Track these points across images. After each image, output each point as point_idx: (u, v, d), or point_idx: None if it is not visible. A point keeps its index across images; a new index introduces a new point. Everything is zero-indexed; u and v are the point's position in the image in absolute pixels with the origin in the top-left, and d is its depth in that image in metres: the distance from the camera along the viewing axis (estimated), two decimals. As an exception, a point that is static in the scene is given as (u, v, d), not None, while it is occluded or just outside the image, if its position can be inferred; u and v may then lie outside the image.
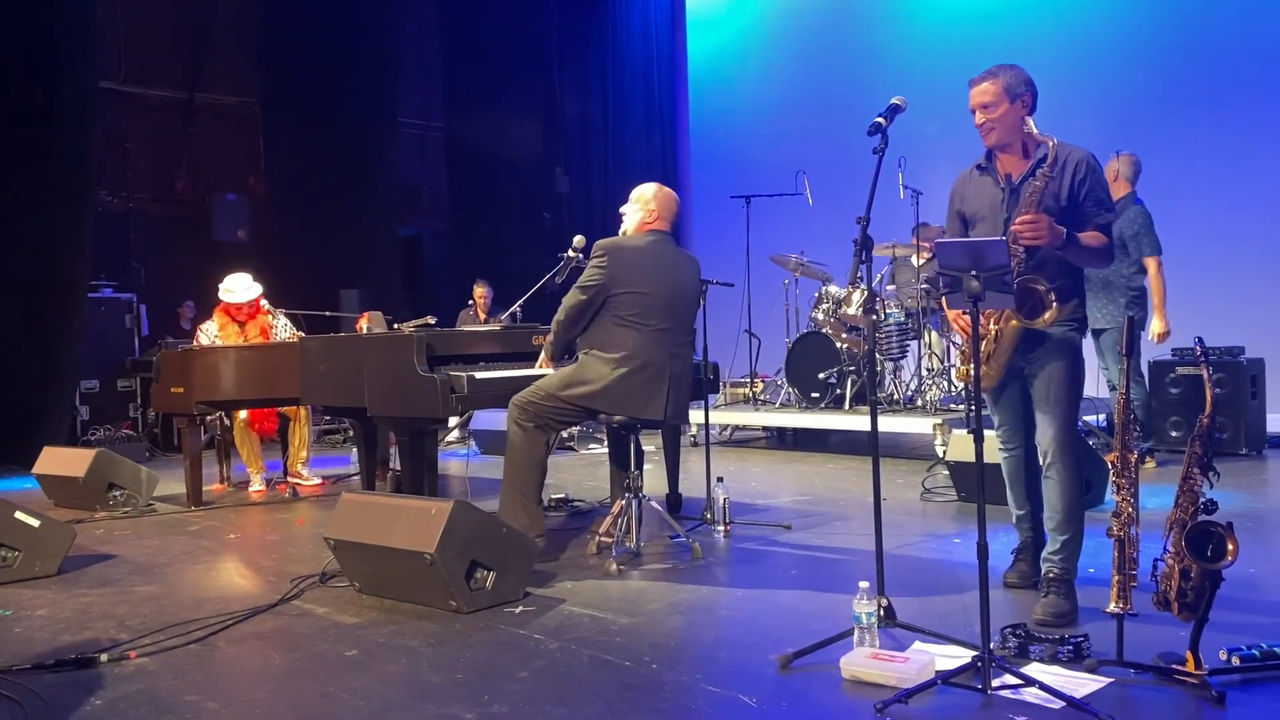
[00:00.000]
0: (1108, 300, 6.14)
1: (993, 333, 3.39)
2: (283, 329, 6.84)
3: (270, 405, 6.53)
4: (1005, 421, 3.65)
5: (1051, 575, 3.38)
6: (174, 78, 11.20)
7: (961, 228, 3.63)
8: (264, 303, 6.82)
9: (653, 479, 5.83)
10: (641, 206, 4.43)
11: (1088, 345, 6.67)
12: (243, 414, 6.63)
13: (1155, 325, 6.16)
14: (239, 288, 6.69)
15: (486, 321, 9.42)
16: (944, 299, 3.22)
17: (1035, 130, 3.39)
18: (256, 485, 6.69)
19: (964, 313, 3.28)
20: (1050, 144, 3.32)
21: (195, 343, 6.70)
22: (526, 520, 4.17)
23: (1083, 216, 3.38)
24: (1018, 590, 3.64)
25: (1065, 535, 3.38)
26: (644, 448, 4.78)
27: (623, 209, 4.52)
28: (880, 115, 3.21)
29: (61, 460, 6.26)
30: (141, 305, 9.73)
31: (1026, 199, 3.31)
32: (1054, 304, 3.22)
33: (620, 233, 4.52)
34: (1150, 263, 6.08)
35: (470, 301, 9.70)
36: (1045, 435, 3.40)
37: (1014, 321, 3.30)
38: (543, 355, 4.68)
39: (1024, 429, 3.62)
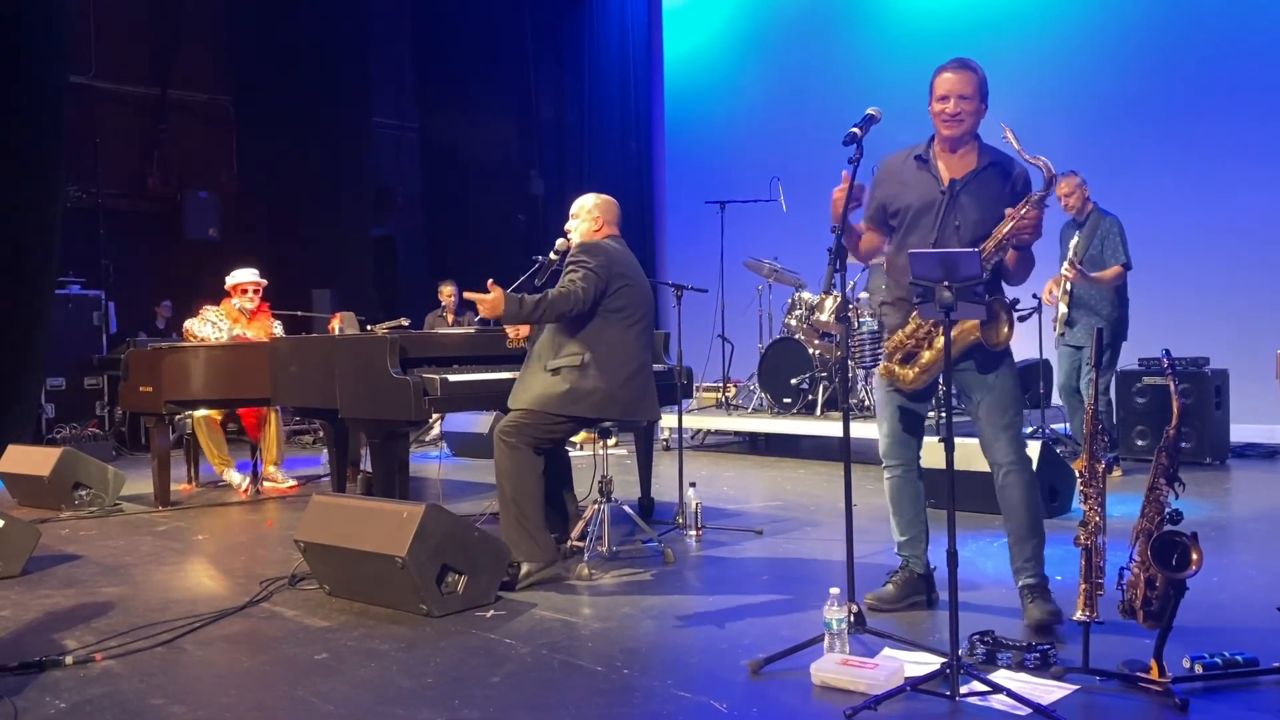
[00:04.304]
0: (1091, 316, 6.20)
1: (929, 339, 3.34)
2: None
3: (240, 406, 6.46)
4: (896, 435, 3.56)
5: (1031, 582, 3.39)
6: (146, 73, 11.09)
7: (881, 214, 3.53)
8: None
9: (625, 483, 5.84)
10: (586, 217, 4.40)
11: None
12: (200, 412, 6.52)
13: (1068, 269, 6.07)
14: (246, 270, 6.85)
15: (456, 322, 9.40)
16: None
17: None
18: (240, 482, 6.50)
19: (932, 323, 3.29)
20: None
21: (200, 317, 6.76)
22: (535, 548, 4.06)
23: None
24: (872, 612, 3.42)
25: (1034, 540, 3.40)
26: (615, 451, 4.78)
27: (567, 225, 4.47)
28: (855, 125, 3.20)
29: (26, 459, 6.18)
30: (110, 303, 9.63)
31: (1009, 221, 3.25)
32: (1010, 322, 3.24)
33: (568, 246, 4.47)
34: (1117, 268, 6.12)
35: (441, 305, 9.67)
36: (1001, 449, 3.40)
37: (975, 335, 3.26)
38: (517, 326, 4.38)
39: (914, 446, 3.60)
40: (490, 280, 4.10)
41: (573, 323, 4.18)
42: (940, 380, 3.40)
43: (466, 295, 4.18)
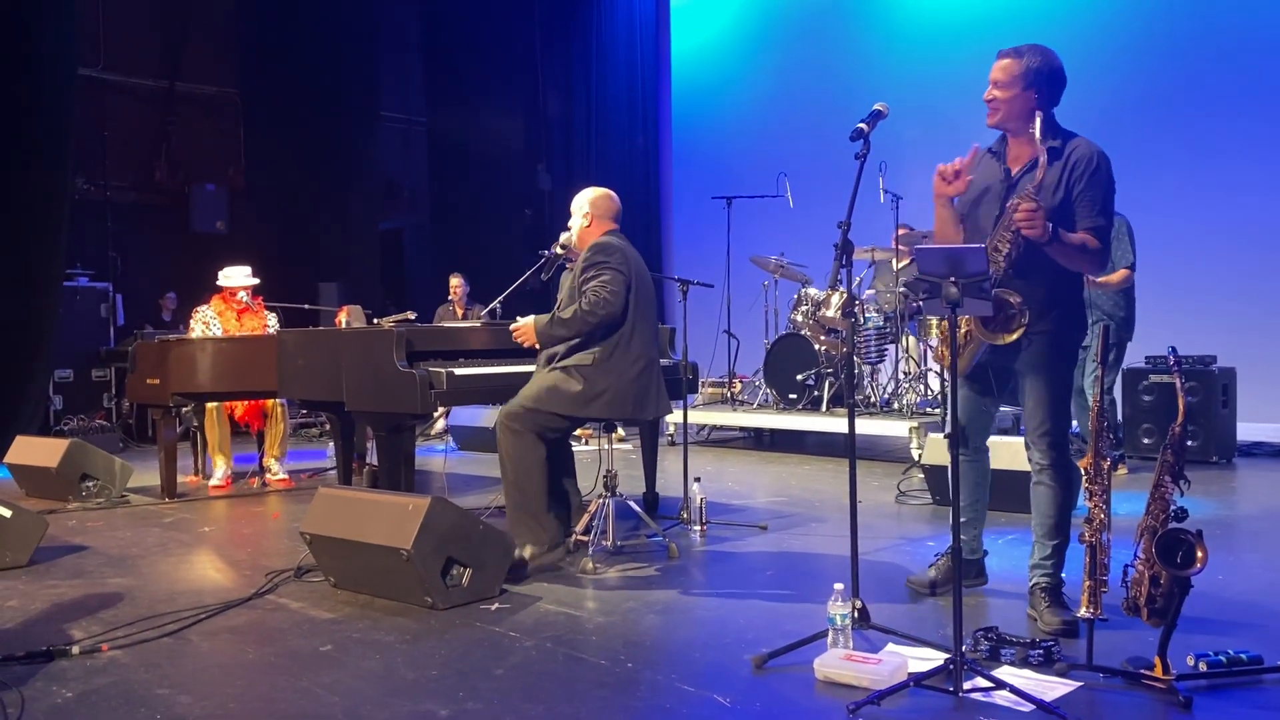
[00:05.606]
0: (1096, 314, 6.18)
1: (963, 327, 3.32)
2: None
3: (247, 398, 6.48)
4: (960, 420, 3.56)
5: (1045, 584, 3.37)
6: (154, 66, 11.10)
7: (961, 205, 3.53)
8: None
9: (630, 478, 5.85)
10: (577, 213, 4.43)
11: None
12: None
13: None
14: (237, 274, 6.78)
15: (465, 314, 9.41)
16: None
17: (1039, 130, 3.20)
18: (218, 479, 6.47)
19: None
20: (1042, 152, 3.18)
21: (190, 323, 6.74)
22: (540, 531, 4.08)
23: (1073, 217, 3.25)
24: (922, 586, 3.68)
25: (1055, 541, 3.38)
26: (620, 445, 4.79)
27: (570, 221, 4.49)
28: (863, 121, 3.21)
29: (34, 450, 6.19)
30: (117, 295, 9.65)
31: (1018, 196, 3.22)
32: (1023, 323, 3.18)
33: (570, 242, 4.50)
34: (1125, 271, 6.10)
35: (449, 298, 9.68)
36: (1033, 452, 3.39)
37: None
38: (543, 340, 4.26)
39: (979, 434, 3.58)
40: (519, 318, 4.29)
41: None
42: (975, 367, 3.39)
43: (512, 328, 4.31)
